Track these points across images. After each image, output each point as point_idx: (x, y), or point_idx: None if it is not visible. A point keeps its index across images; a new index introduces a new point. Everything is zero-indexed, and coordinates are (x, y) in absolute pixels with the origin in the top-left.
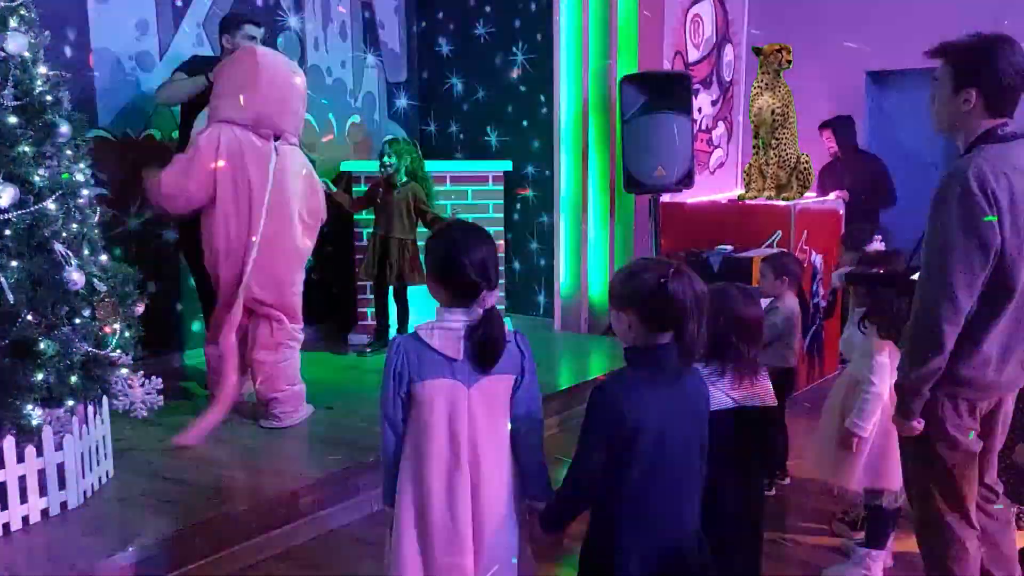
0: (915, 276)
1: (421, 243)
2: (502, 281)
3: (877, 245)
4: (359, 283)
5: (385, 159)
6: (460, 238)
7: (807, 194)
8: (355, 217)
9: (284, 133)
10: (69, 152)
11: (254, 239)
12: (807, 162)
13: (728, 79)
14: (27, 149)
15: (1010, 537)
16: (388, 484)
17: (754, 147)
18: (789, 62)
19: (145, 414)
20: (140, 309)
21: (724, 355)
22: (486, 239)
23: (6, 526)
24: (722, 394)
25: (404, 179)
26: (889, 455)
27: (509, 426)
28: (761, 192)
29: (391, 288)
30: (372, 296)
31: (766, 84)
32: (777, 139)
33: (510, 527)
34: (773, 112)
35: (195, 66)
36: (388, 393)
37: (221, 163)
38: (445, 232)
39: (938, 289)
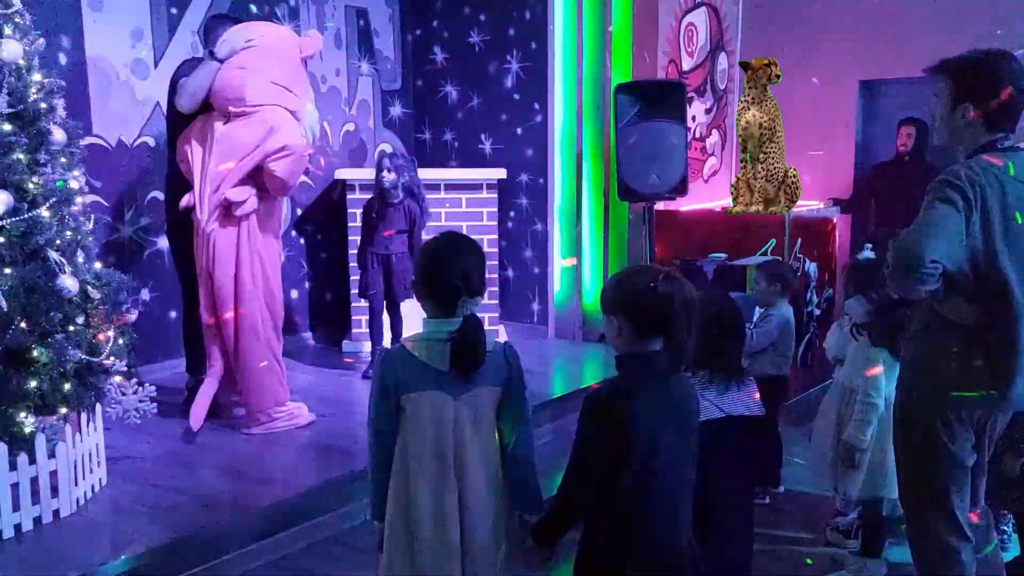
0: None
1: None
2: (495, 289)
3: (868, 254)
4: (353, 291)
5: (385, 174)
6: (442, 248)
7: (800, 202)
8: (350, 224)
9: (234, 104)
10: (63, 159)
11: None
12: (795, 176)
13: (722, 87)
14: (21, 156)
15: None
16: (377, 499)
17: (742, 161)
18: (778, 76)
19: (138, 422)
20: (133, 317)
21: (708, 363)
22: (470, 248)
23: None
24: (710, 404)
25: (400, 196)
26: (886, 465)
27: (497, 438)
28: (748, 206)
29: (385, 302)
30: (368, 307)
31: (753, 98)
32: (765, 153)
33: (500, 540)
34: (761, 126)
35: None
36: (379, 407)
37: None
38: (429, 244)
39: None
